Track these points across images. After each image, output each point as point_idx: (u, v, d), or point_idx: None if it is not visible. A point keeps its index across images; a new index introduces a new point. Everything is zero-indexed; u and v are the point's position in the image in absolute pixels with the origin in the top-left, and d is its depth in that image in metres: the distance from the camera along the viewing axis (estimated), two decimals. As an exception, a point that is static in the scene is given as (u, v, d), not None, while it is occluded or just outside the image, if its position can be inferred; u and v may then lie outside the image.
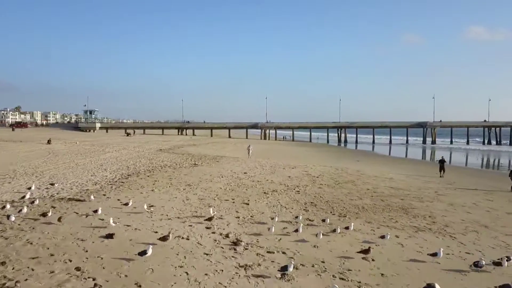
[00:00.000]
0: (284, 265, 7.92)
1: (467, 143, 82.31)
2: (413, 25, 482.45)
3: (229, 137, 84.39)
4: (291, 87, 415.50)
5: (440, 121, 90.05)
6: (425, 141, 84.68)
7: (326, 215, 13.63)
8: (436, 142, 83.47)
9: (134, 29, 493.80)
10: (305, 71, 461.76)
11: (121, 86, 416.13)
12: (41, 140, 46.02)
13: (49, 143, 41.82)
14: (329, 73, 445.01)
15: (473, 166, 41.94)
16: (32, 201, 12.59)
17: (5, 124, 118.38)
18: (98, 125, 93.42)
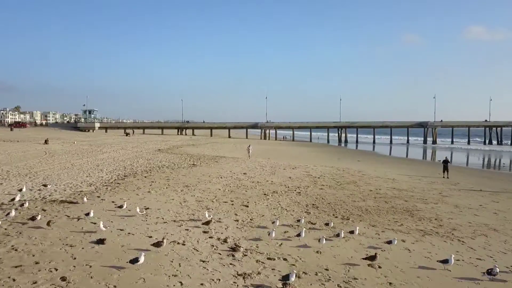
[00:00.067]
0: (285, 274, 7.39)
1: (468, 143, 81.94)
2: (413, 25, 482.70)
3: (229, 137, 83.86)
4: (291, 87, 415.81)
5: (441, 121, 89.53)
6: (425, 141, 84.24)
7: (328, 218, 13.14)
8: (437, 142, 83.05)
9: (134, 29, 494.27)
10: (305, 71, 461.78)
11: (121, 86, 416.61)
12: (38, 140, 45.54)
13: (46, 143, 41.32)
14: (329, 73, 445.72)
15: (476, 166, 41.43)
16: (21, 204, 12.00)
17: (4, 124, 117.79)
18: (97, 125, 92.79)
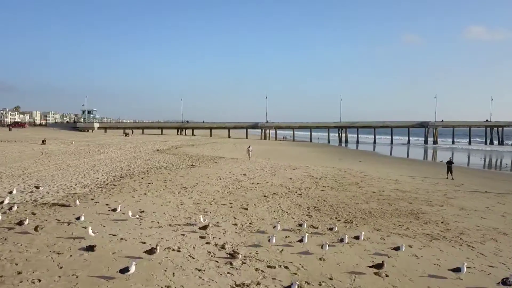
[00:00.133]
0: (287, 284, 6.88)
1: (469, 143, 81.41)
2: (413, 25, 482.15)
3: (229, 137, 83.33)
4: (291, 87, 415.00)
5: (442, 121, 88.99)
6: (426, 141, 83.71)
7: (331, 221, 12.63)
8: (437, 142, 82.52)
9: (134, 29, 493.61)
10: (305, 71, 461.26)
11: (121, 86, 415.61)
12: (36, 140, 45.03)
13: (44, 143, 40.82)
14: (329, 73, 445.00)
15: (479, 167, 40.96)
16: (10, 207, 11.45)
17: (3, 124, 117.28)
18: (96, 125, 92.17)
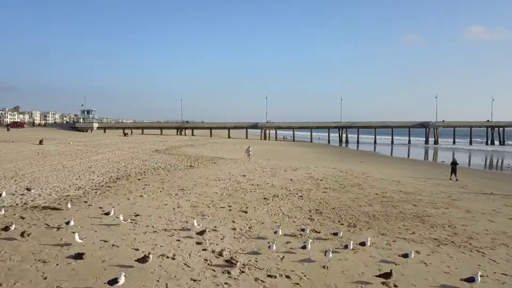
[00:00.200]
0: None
1: (470, 143, 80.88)
2: (413, 25, 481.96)
3: (229, 137, 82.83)
4: (291, 87, 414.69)
5: (443, 121, 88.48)
6: (427, 141, 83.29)
7: (334, 225, 12.13)
8: (438, 142, 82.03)
9: (134, 29, 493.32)
10: (305, 71, 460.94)
11: (121, 86, 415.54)
12: (34, 140, 44.47)
13: (41, 143, 40.31)
14: (329, 73, 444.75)
15: (481, 167, 40.48)
16: (-3, 211, 10.93)
17: (3, 124, 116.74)
18: (95, 125, 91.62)
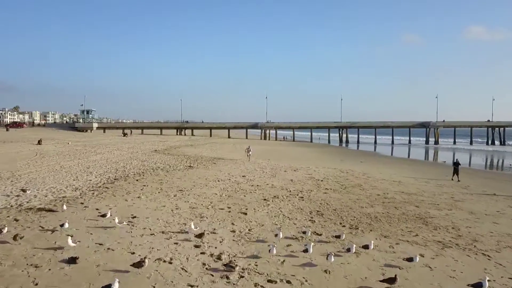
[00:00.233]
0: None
1: (471, 143, 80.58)
2: (413, 25, 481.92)
3: (229, 137, 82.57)
4: (291, 87, 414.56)
5: (443, 121, 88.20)
6: (428, 142, 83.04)
7: (335, 227, 11.88)
8: (439, 142, 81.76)
9: (134, 29, 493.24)
10: (305, 71, 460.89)
11: (121, 86, 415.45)
12: (33, 140, 44.15)
13: (40, 143, 40.05)
14: (329, 73, 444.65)
15: (483, 167, 40.21)
16: (-9, 213, 10.72)
17: (2, 124, 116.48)
18: (95, 125, 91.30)
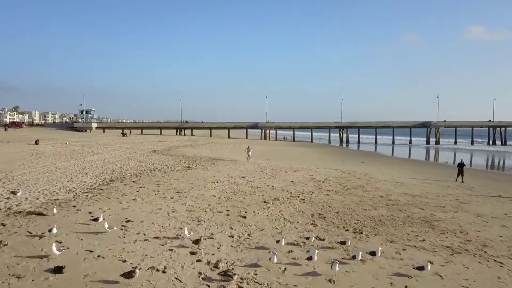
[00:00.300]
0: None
1: (472, 143, 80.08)
2: (413, 25, 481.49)
3: (229, 137, 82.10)
4: (291, 87, 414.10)
5: (444, 121, 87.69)
6: (428, 142, 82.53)
7: (338, 231, 11.39)
8: (439, 142, 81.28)
9: (134, 29, 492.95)
10: (305, 71, 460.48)
11: (121, 86, 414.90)
12: (30, 140, 43.65)
13: (37, 143, 39.56)
14: (329, 73, 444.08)
15: (485, 168, 39.75)
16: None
17: (1, 124, 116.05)
18: (94, 125, 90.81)
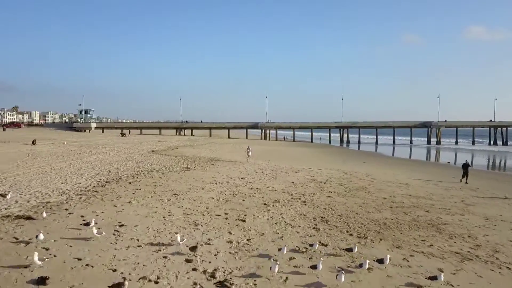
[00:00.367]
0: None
1: (473, 143, 79.54)
2: (413, 25, 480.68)
3: (229, 137, 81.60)
4: (291, 87, 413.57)
5: (445, 121, 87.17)
6: (429, 142, 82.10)
7: (342, 235, 10.88)
8: (440, 142, 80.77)
9: (134, 29, 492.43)
10: (305, 71, 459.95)
11: (121, 86, 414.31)
12: (28, 140, 43.11)
13: (34, 144, 39.05)
14: (329, 73, 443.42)
15: (489, 168, 39.24)
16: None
17: (0, 124, 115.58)
18: (93, 125, 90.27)
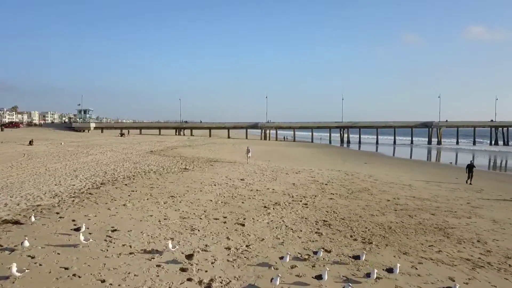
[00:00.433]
0: None
1: (474, 143, 79.09)
2: (413, 25, 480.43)
3: (228, 137, 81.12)
4: (291, 87, 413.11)
5: (446, 121, 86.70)
6: (430, 142, 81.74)
7: (346, 240, 10.37)
8: (441, 142, 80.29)
9: (134, 29, 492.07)
10: (305, 71, 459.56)
11: (121, 86, 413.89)
12: (26, 141, 42.71)
13: (31, 144, 38.59)
14: (329, 73, 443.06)
15: (492, 169, 38.74)
16: None
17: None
18: (92, 125, 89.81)
